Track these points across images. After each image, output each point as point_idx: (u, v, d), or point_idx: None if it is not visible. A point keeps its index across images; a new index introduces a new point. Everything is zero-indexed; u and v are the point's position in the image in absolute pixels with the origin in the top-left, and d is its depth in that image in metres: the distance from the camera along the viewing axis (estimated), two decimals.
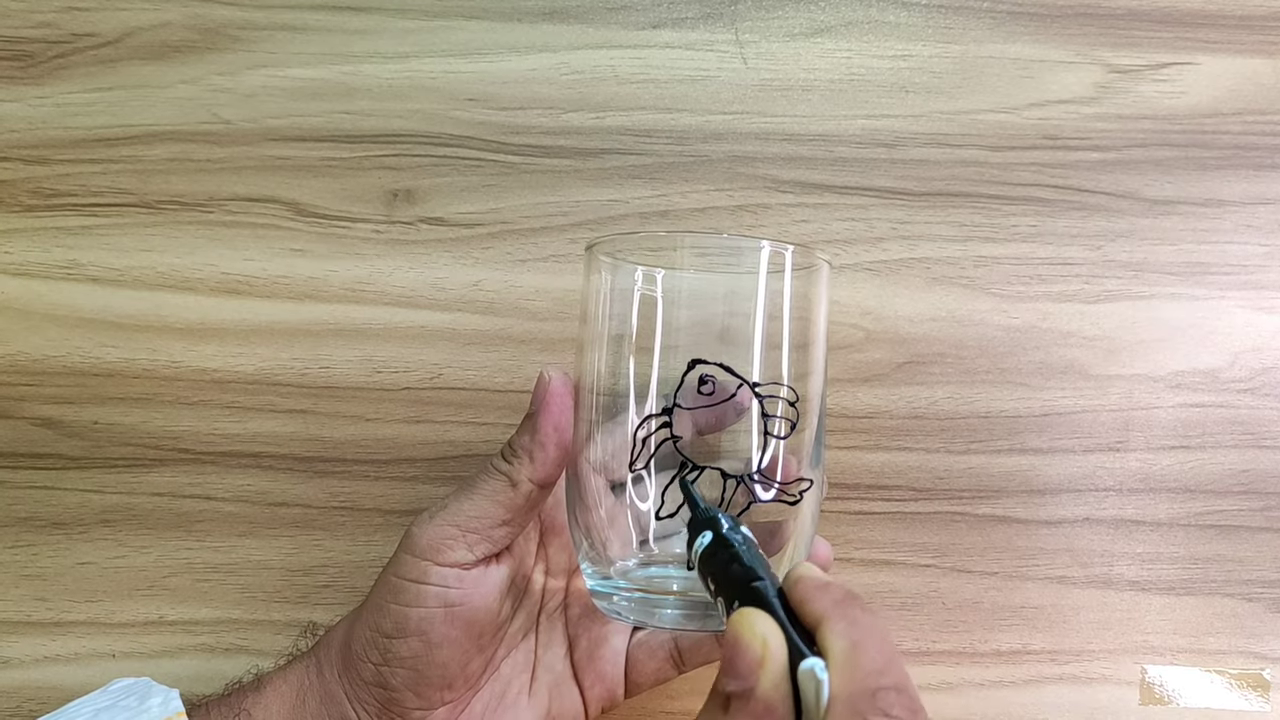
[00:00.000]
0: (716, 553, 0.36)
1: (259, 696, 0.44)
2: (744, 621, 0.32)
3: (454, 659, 0.43)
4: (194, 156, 0.55)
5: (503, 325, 0.55)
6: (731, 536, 0.36)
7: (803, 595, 0.33)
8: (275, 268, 0.55)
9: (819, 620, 0.32)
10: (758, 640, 0.31)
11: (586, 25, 0.56)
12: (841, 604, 0.32)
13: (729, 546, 0.36)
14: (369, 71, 0.56)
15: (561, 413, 0.42)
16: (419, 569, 0.42)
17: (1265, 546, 0.55)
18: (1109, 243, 0.56)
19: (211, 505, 0.55)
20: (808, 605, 0.32)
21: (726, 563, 0.35)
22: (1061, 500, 0.55)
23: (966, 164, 0.56)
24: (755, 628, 0.31)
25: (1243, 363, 0.56)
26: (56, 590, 0.54)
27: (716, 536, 0.36)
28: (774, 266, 0.40)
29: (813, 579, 0.34)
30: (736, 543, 0.36)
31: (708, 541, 0.36)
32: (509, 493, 0.42)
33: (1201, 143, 0.56)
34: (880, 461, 0.55)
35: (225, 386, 0.55)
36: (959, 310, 0.56)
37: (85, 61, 0.55)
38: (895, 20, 0.57)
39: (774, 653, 0.31)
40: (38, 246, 0.55)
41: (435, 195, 0.56)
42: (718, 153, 0.56)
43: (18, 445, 0.55)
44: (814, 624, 0.32)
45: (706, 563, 0.36)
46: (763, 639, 0.31)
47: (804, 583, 0.33)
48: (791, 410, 0.40)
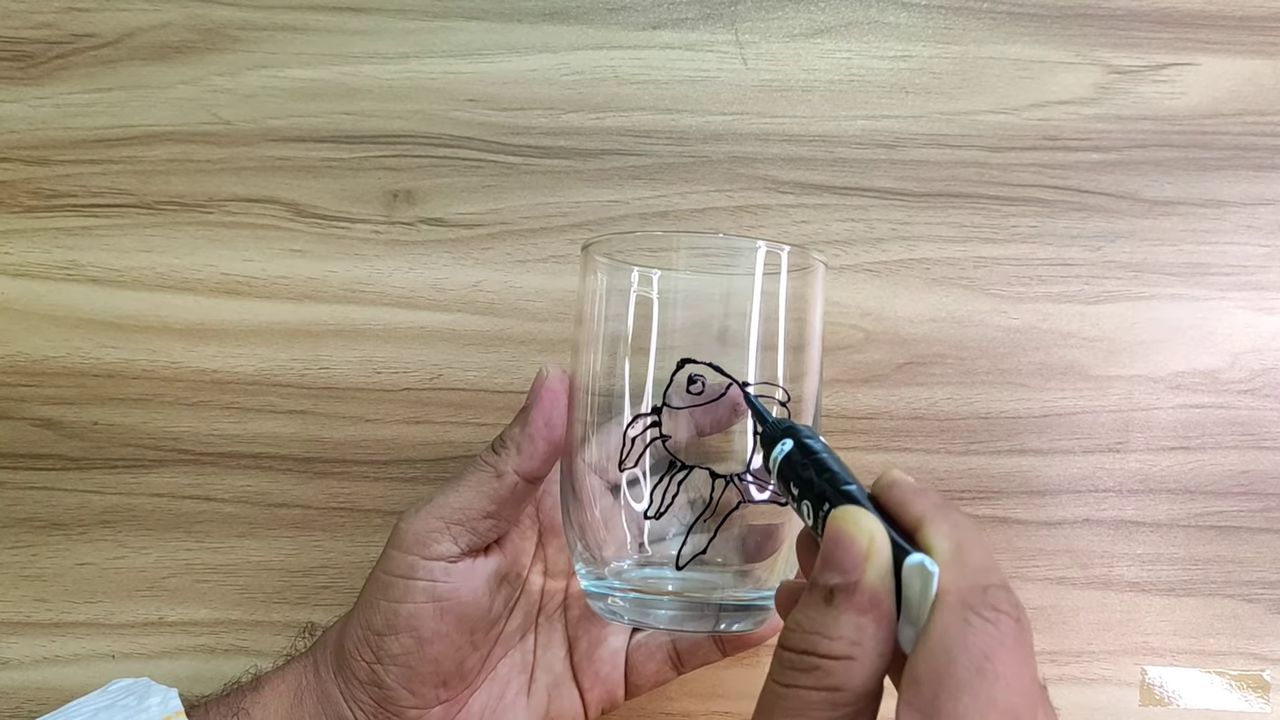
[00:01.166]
0: (798, 459, 0.36)
1: (257, 696, 0.44)
2: (848, 516, 0.32)
3: (447, 655, 0.43)
4: (194, 157, 0.55)
5: (502, 326, 0.55)
6: (812, 444, 0.36)
7: (900, 498, 0.33)
8: (275, 268, 0.55)
9: (920, 521, 0.32)
10: (864, 534, 0.31)
11: (586, 26, 0.56)
12: (942, 507, 0.33)
13: (812, 453, 0.35)
14: (369, 72, 0.56)
15: (553, 407, 0.42)
16: (406, 564, 0.42)
17: (1265, 547, 0.55)
18: (1109, 243, 0.56)
19: (211, 506, 0.55)
20: (906, 508, 0.33)
21: (811, 468, 0.35)
22: (1061, 501, 0.55)
23: (966, 165, 0.56)
24: (860, 522, 0.32)
25: (1243, 364, 0.56)
26: (56, 591, 0.54)
27: (798, 443, 0.36)
28: (770, 268, 0.40)
29: (908, 484, 0.34)
30: (819, 450, 0.36)
31: (789, 448, 0.36)
32: (494, 484, 0.42)
33: (1202, 143, 0.56)
34: (880, 462, 0.55)
35: (225, 387, 0.55)
36: (959, 311, 0.56)
37: (85, 62, 0.55)
38: (895, 21, 0.57)
39: (879, 547, 0.31)
40: (38, 247, 0.55)
41: (435, 196, 0.56)
42: (718, 153, 0.56)
43: (17, 446, 0.55)
44: (913, 525, 0.32)
45: (788, 469, 0.36)
46: (869, 533, 0.31)
47: (899, 486, 0.34)
48: (784, 410, 0.40)
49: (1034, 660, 0.30)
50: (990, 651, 0.29)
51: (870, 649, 0.31)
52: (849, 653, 0.31)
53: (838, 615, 0.31)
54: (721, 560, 0.41)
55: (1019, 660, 0.29)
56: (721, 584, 0.40)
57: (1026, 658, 0.30)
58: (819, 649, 0.31)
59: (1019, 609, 0.30)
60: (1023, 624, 0.30)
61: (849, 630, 0.31)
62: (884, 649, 0.31)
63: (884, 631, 0.31)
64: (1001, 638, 0.29)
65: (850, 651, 0.31)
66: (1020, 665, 0.29)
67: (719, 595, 0.40)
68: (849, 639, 0.31)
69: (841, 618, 0.31)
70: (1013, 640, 0.29)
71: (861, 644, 0.31)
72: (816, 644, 0.31)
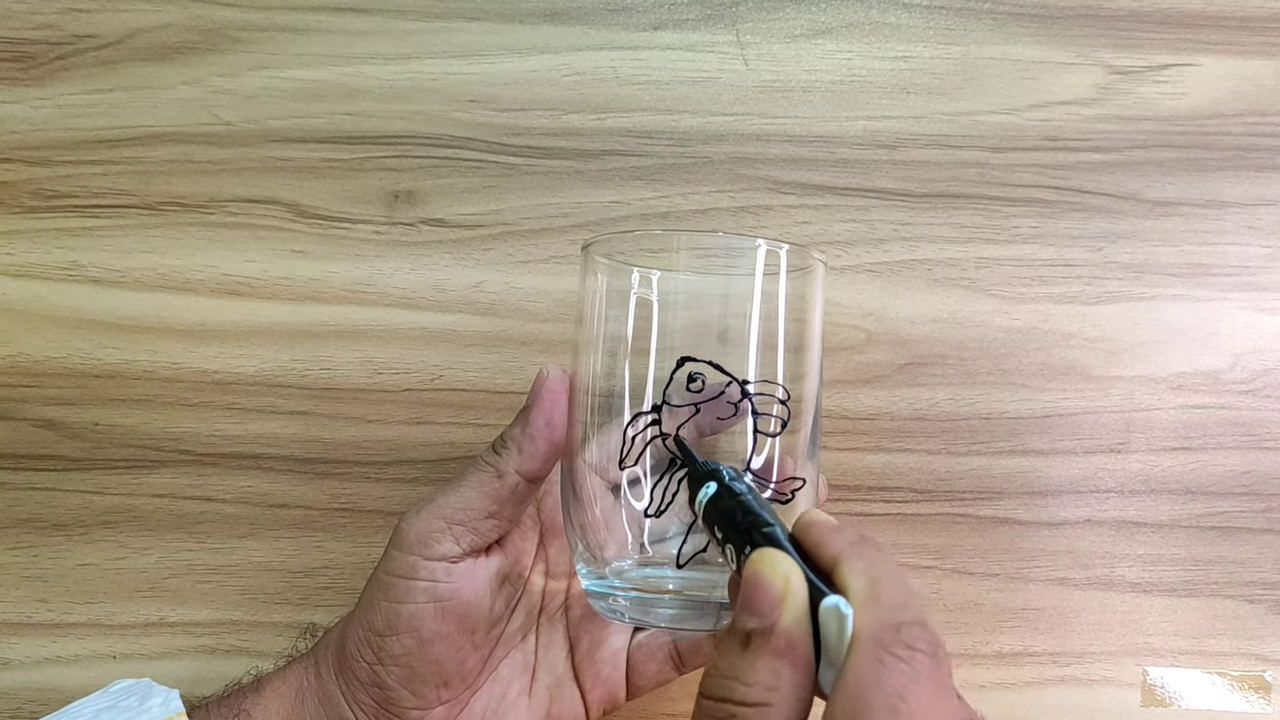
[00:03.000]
0: (722, 501, 0.36)
1: (258, 697, 0.44)
2: (764, 560, 0.32)
3: (448, 655, 0.43)
4: (195, 158, 0.55)
5: (504, 327, 0.55)
6: (736, 486, 0.36)
7: (817, 538, 0.33)
8: (276, 269, 0.55)
9: (836, 560, 0.32)
10: (779, 577, 0.31)
11: (588, 27, 0.56)
12: (857, 545, 0.32)
13: (735, 495, 0.35)
14: (370, 73, 0.56)
15: (554, 407, 0.42)
16: (407, 564, 0.42)
17: (1267, 548, 0.55)
18: (1110, 244, 0.56)
19: (212, 507, 0.55)
20: (822, 548, 0.33)
21: (734, 510, 0.35)
22: (1063, 502, 0.55)
23: (968, 165, 0.56)
24: (776, 565, 0.31)
25: (1244, 364, 0.56)
26: (57, 592, 0.54)
27: (721, 486, 0.36)
28: (770, 267, 0.40)
29: (825, 523, 0.34)
30: (742, 491, 0.36)
31: (712, 492, 0.36)
32: (495, 484, 0.42)
33: (1203, 144, 0.56)
34: (881, 463, 0.55)
35: (226, 388, 0.55)
36: (960, 311, 0.56)
37: (86, 63, 0.56)
38: (896, 22, 0.57)
39: (795, 589, 0.31)
40: (39, 248, 0.55)
41: (436, 197, 0.56)
42: (719, 154, 0.56)
43: (19, 447, 0.55)
44: (830, 565, 0.32)
45: (712, 512, 0.36)
46: (784, 576, 0.31)
47: (816, 526, 0.34)
48: (784, 409, 0.40)
49: (952, 694, 0.30)
50: (905, 691, 0.29)
51: (787, 694, 0.30)
52: (765, 699, 0.30)
53: (754, 660, 0.31)
54: (721, 559, 0.40)
55: (935, 696, 0.29)
56: (721, 582, 0.40)
57: (943, 693, 0.30)
58: (735, 695, 0.31)
59: (935, 644, 0.30)
60: (939, 658, 0.30)
61: (765, 675, 0.30)
62: (802, 694, 0.31)
63: (800, 676, 0.31)
64: (916, 675, 0.29)
65: (766, 698, 0.30)
66: (937, 701, 0.29)
67: (719, 594, 0.40)
68: (765, 684, 0.30)
69: (758, 663, 0.31)
70: (927, 677, 0.29)
71: (778, 689, 0.30)
72: (733, 690, 0.31)
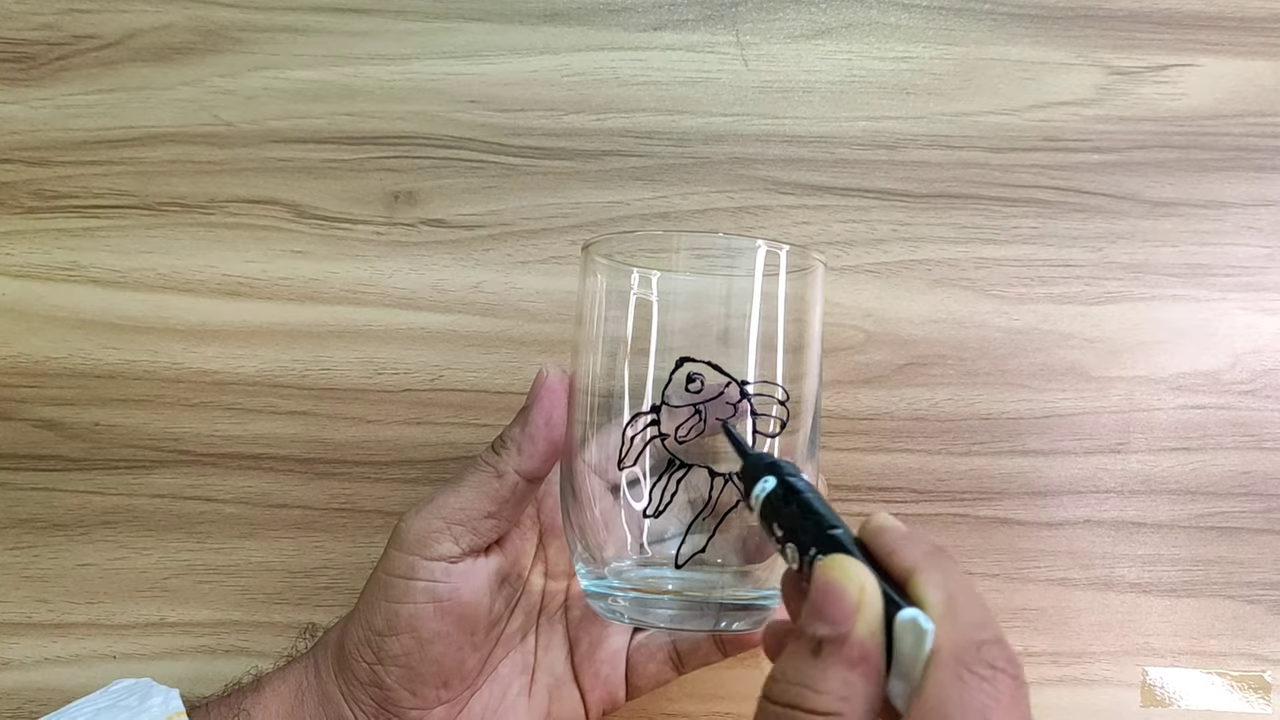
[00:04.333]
0: (783, 497, 0.34)
1: (258, 697, 0.44)
2: (839, 566, 0.31)
3: (447, 655, 0.43)
4: (195, 158, 0.55)
5: (503, 327, 0.55)
6: (796, 482, 0.35)
7: (890, 545, 0.32)
8: (276, 269, 0.55)
9: (910, 571, 0.31)
10: (854, 585, 0.30)
11: (587, 27, 0.56)
12: (932, 555, 0.32)
13: (796, 492, 0.34)
14: (370, 73, 0.56)
15: (554, 407, 0.42)
16: (407, 564, 0.42)
17: (1266, 548, 0.55)
18: (1110, 244, 0.56)
19: (212, 507, 0.55)
20: (895, 556, 0.32)
21: (796, 508, 0.34)
22: (1063, 502, 0.55)
23: (968, 166, 0.56)
24: (851, 573, 0.31)
25: (1244, 364, 0.56)
26: (57, 592, 0.54)
27: (781, 481, 0.35)
28: (769, 268, 0.40)
29: (897, 529, 0.33)
30: (803, 489, 0.34)
31: (771, 487, 0.35)
32: (494, 484, 0.42)
33: (1202, 144, 0.56)
34: (881, 463, 0.55)
35: (226, 388, 0.55)
36: (960, 312, 0.56)
37: (87, 63, 0.56)
38: (896, 22, 0.57)
39: (870, 599, 0.30)
40: (39, 248, 0.55)
41: (436, 197, 0.56)
42: (719, 154, 0.56)
43: (19, 447, 0.55)
44: (903, 575, 0.31)
45: (771, 508, 0.35)
46: (860, 585, 0.31)
47: (889, 533, 0.33)
48: (783, 409, 0.40)
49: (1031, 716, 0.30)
50: (988, 711, 0.28)
51: (858, 705, 0.30)
52: (836, 708, 0.30)
53: (825, 668, 0.30)
54: (721, 559, 0.41)
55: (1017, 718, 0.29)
56: (721, 583, 0.40)
57: (1024, 716, 0.29)
58: (805, 703, 0.30)
59: (1016, 665, 0.30)
60: (1019, 680, 0.29)
61: (836, 685, 0.30)
62: (872, 704, 0.30)
63: (873, 687, 0.30)
64: (999, 696, 0.29)
65: (837, 707, 0.30)
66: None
67: (719, 594, 0.40)
68: (836, 694, 0.30)
69: (829, 671, 0.30)
70: (1009, 698, 0.29)
71: (849, 699, 0.30)
72: (803, 698, 0.30)
